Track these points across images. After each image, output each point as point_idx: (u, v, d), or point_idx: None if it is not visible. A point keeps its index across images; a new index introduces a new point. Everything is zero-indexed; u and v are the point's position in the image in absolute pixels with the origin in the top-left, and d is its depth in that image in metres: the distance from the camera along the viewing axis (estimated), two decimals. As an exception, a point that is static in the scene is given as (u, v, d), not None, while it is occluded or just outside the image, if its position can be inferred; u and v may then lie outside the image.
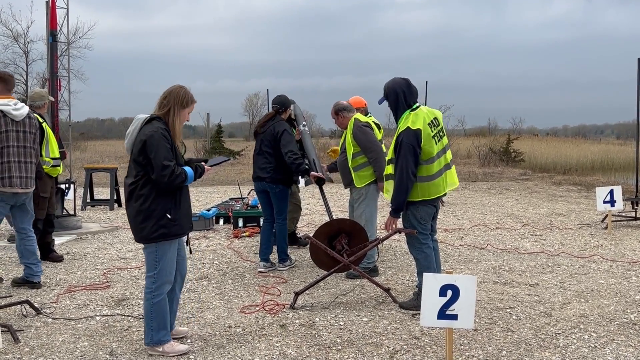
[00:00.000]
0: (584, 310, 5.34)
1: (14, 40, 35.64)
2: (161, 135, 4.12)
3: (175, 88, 4.29)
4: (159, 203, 4.15)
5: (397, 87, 5.33)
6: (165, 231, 4.17)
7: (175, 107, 4.24)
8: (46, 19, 9.73)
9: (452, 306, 4.06)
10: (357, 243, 5.80)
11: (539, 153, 25.01)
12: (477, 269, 6.83)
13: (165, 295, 4.31)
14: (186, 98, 4.28)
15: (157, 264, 4.24)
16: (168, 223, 4.17)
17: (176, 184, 4.13)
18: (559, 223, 10.12)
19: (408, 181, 5.16)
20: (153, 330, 4.29)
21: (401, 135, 5.18)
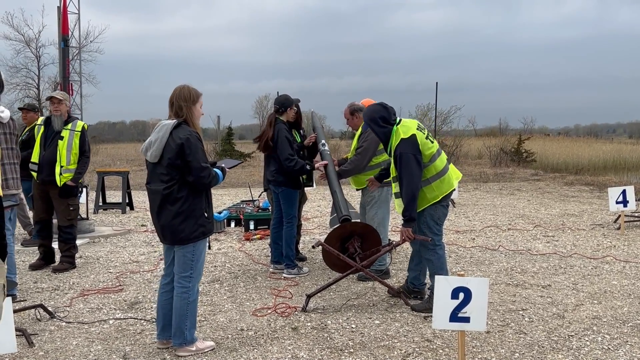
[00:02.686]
0: (597, 311, 5.32)
1: (26, 45, 35.89)
2: (196, 138, 4.24)
3: (178, 90, 4.35)
4: (197, 203, 4.29)
5: (374, 115, 5.43)
6: (204, 229, 4.32)
7: (189, 107, 4.31)
8: (58, 24, 9.81)
9: (464, 308, 4.05)
10: (370, 245, 5.80)
11: (551, 153, 24.90)
12: (489, 271, 6.81)
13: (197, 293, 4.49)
14: (192, 94, 4.35)
15: (193, 263, 4.35)
16: (205, 221, 4.33)
17: (213, 184, 4.31)
18: (571, 224, 10.07)
19: (416, 190, 5.20)
20: (187, 329, 4.39)
21: (398, 148, 5.23)
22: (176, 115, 4.32)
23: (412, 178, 5.17)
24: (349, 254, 5.69)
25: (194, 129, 4.31)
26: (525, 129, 52.96)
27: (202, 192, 4.33)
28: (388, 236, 6.63)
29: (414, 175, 5.18)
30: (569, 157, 23.59)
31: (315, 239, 8.90)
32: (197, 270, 4.40)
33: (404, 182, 5.20)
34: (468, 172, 20.31)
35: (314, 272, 6.87)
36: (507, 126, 54.98)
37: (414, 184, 5.18)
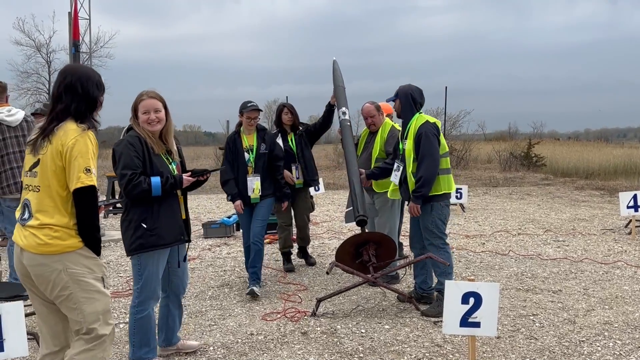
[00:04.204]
0: (608, 317, 5.28)
1: (37, 50, 36.13)
2: (126, 144, 3.99)
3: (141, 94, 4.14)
4: (135, 213, 4.02)
5: (410, 90, 5.54)
6: (142, 242, 3.99)
7: (133, 114, 4.11)
8: (69, 30, 9.88)
9: (475, 314, 4.04)
10: (385, 252, 5.74)
11: (561, 157, 24.76)
12: (499, 276, 6.79)
13: (150, 311, 4.17)
14: (135, 101, 4.10)
15: (139, 277, 4.09)
16: (145, 233, 3.98)
17: (135, 193, 3.92)
18: (582, 228, 10.01)
19: (435, 171, 5.31)
20: (135, 346, 4.17)
21: (422, 128, 5.35)
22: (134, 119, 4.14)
23: (434, 157, 5.30)
24: (363, 261, 5.65)
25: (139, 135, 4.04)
26: (535, 133, 52.70)
27: (140, 202, 3.98)
28: (397, 243, 6.59)
29: (435, 155, 5.30)
30: (579, 161, 23.45)
31: (324, 243, 8.90)
32: (145, 286, 4.08)
33: (426, 160, 5.28)
34: (477, 177, 20.25)
35: (323, 276, 6.87)
36: (516, 130, 54.74)
37: (435, 163, 5.30)
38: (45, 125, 3.14)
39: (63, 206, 3.07)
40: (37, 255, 3.04)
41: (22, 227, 3.11)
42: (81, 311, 3.12)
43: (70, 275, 3.07)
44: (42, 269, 3.05)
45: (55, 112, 3.12)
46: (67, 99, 3.11)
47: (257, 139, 6.13)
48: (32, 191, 3.11)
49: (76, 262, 3.09)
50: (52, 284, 3.07)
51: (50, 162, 3.06)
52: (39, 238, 3.03)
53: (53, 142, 3.07)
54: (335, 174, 22.53)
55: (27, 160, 3.18)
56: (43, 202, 3.06)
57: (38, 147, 3.11)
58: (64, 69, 3.24)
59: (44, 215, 3.05)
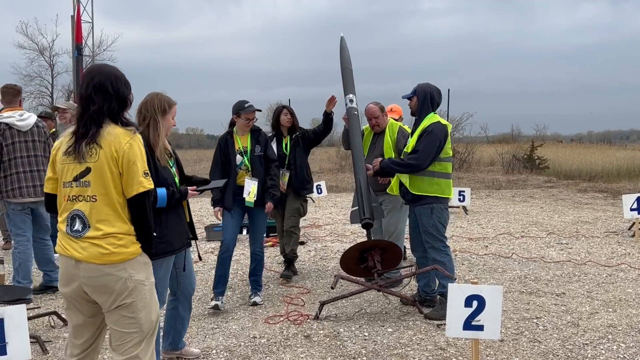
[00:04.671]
0: (612, 320, 5.27)
1: (40, 54, 36.28)
2: None
3: (150, 97, 3.98)
4: None
5: (429, 89, 5.52)
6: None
7: (155, 117, 3.90)
8: (72, 33, 9.90)
9: (478, 317, 4.03)
10: (390, 258, 5.70)
11: (564, 160, 24.71)
12: (502, 279, 6.77)
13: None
14: (164, 103, 3.94)
15: None
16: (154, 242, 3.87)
17: None
18: (585, 231, 9.99)
19: (418, 168, 5.31)
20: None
21: (431, 125, 5.35)
22: (139, 124, 3.93)
23: (426, 155, 5.28)
24: (368, 266, 5.60)
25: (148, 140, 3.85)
26: (537, 136, 52.65)
27: None
28: (403, 245, 6.56)
29: (429, 155, 5.29)
30: (582, 163, 23.39)
31: (327, 246, 8.89)
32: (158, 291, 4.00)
33: (417, 154, 5.29)
34: (480, 179, 20.23)
35: (326, 279, 6.86)
36: (519, 133, 54.70)
37: (423, 161, 5.28)
38: (80, 129, 2.98)
39: (123, 213, 2.98)
40: (102, 266, 2.93)
41: (77, 239, 2.96)
42: (137, 320, 3.03)
43: (135, 283, 3.00)
44: (106, 279, 2.95)
45: (89, 115, 2.97)
46: (99, 99, 2.98)
47: (251, 141, 5.83)
48: (83, 201, 2.95)
49: (138, 269, 3.04)
50: (115, 293, 2.97)
51: (107, 168, 2.93)
52: (103, 248, 2.92)
53: (104, 147, 2.93)
54: (338, 176, 22.53)
55: (68, 169, 2.99)
56: (102, 211, 2.94)
57: (83, 153, 2.94)
58: (90, 69, 3.13)
59: (105, 225, 2.94)
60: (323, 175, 22.57)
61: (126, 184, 2.96)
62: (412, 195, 5.45)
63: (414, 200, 5.49)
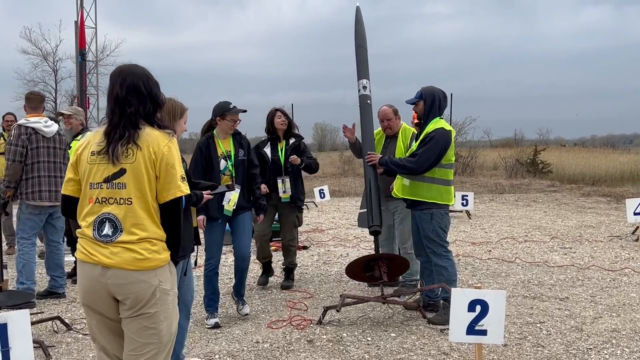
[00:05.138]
0: (615, 324, 5.25)
1: (43, 59, 36.32)
2: None
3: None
4: None
5: (436, 93, 5.47)
6: None
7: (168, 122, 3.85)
8: (75, 38, 9.94)
9: (481, 321, 4.03)
10: (397, 268, 5.70)
11: (567, 164, 24.69)
12: (505, 283, 6.76)
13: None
14: (176, 109, 3.99)
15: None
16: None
17: None
18: (589, 235, 9.97)
19: (415, 171, 5.28)
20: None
21: (435, 131, 5.31)
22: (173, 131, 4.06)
23: (424, 160, 5.24)
24: (374, 275, 5.51)
25: None
26: (540, 140, 52.58)
27: None
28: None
29: (427, 161, 5.25)
30: (585, 168, 23.37)
31: (330, 250, 8.88)
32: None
33: (415, 157, 5.26)
34: (483, 184, 20.21)
35: (329, 283, 6.86)
36: (522, 137, 54.64)
37: (420, 166, 5.25)
38: (118, 132, 2.82)
39: (157, 217, 2.85)
40: (135, 272, 2.78)
41: (106, 244, 2.79)
42: (158, 332, 2.87)
43: (162, 292, 2.86)
44: (138, 287, 2.79)
45: (127, 117, 2.83)
46: (134, 101, 2.86)
47: (234, 145, 5.44)
48: (115, 204, 2.80)
49: (166, 277, 2.90)
50: (144, 301, 2.81)
51: (144, 170, 2.80)
52: (138, 253, 2.78)
53: (142, 148, 2.80)
54: (341, 181, 22.54)
55: (97, 170, 2.84)
56: (138, 215, 2.80)
57: (118, 154, 2.79)
58: (121, 70, 2.97)
59: (140, 229, 2.80)
60: (326, 180, 22.56)
61: (162, 187, 2.83)
62: (410, 200, 5.46)
63: (413, 205, 5.49)
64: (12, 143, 5.96)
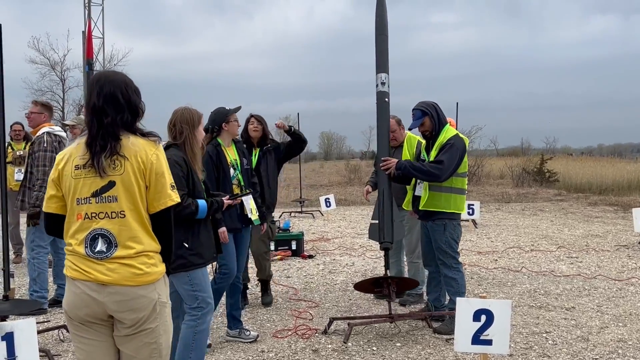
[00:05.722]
0: (622, 334, 5.23)
1: (51, 69, 36.50)
2: (173, 163, 3.81)
3: (180, 112, 4.08)
4: (177, 232, 3.76)
5: (433, 103, 5.48)
6: (184, 261, 3.90)
7: (190, 131, 4.03)
8: (82, 48, 10.01)
9: (487, 331, 4.01)
10: (405, 286, 5.71)
11: (574, 173, 24.62)
12: (511, 293, 6.74)
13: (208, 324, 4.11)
14: (194, 117, 4.06)
15: (196, 293, 3.99)
16: (185, 253, 3.91)
17: (184, 214, 3.83)
18: (595, 245, 9.94)
19: (441, 176, 5.21)
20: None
21: (453, 138, 5.32)
22: (174, 139, 4.04)
23: (448, 167, 5.21)
24: (381, 292, 5.44)
25: (184, 154, 3.97)
26: (547, 149, 52.57)
27: (183, 221, 3.85)
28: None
29: (449, 167, 5.22)
30: (592, 177, 23.29)
31: (336, 259, 8.88)
32: (204, 300, 4.01)
33: (442, 164, 5.19)
34: (490, 193, 20.17)
35: (335, 292, 6.85)
36: (529, 146, 54.59)
37: (444, 172, 5.20)
38: (98, 142, 2.68)
39: (151, 229, 2.74)
40: (134, 288, 2.65)
41: (101, 260, 2.64)
42: (158, 346, 2.77)
43: (161, 305, 2.75)
44: (137, 303, 2.67)
45: (104, 127, 2.68)
46: (111, 110, 2.71)
47: (237, 153, 5.33)
48: (106, 218, 2.66)
49: (163, 290, 2.78)
50: (145, 317, 2.69)
51: (134, 181, 2.67)
52: (136, 268, 2.65)
53: (130, 158, 2.68)
54: (347, 189, 22.54)
55: (84, 184, 2.69)
56: (132, 228, 2.68)
57: (104, 167, 2.65)
58: (98, 77, 2.83)
59: (136, 243, 2.68)
60: (332, 189, 22.58)
61: (153, 197, 2.72)
62: (425, 211, 5.41)
63: (427, 216, 5.45)
64: (47, 149, 6.01)
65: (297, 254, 9.14)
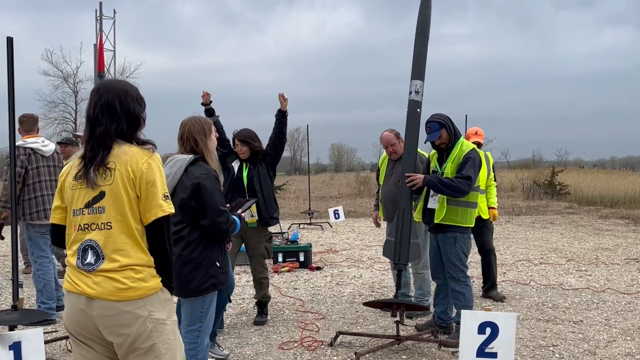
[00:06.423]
0: (629, 348, 5.19)
1: (64, 81, 36.97)
2: (214, 178, 3.80)
3: (189, 123, 3.99)
4: (209, 251, 3.79)
5: (448, 117, 5.47)
6: (215, 281, 3.84)
7: (204, 141, 3.96)
8: (94, 61, 10.13)
9: (492, 344, 4.01)
10: (413, 309, 5.75)
11: (585, 186, 24.50)
12: (519, 306, 6.71)
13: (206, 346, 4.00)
14: (204, 126, 3.99)
15: (202, 316, 3.88)
16: (217, 272, 3.85)
17: (231, 231, 3.81)
18: (605, 258, 9.87)
19: (467, 192, 5.22)
20: None
21: (472, 152, 5.32)
22: (191, 150, 3.94)
23: (473, 183, 5.24)
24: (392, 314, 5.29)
25: (211, 167, 3.91)
26: (559, 161, 52.35)
27: (215, 239, 3.84)
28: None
29: (474, 183, 5.26)
30: (604, 189, 23.16)
31: (344, 271, 8.88)
32: (206, 323, 3.93)
33: (470, 180, 5.20)
34: (500, 205, 20.06)
35: (342, 304, 6.85)
36: (541, 158, 54.39)
37: (469, 188, 5.22)
38: (88, 153, 2.64)
39: (142, 242, 2.63)
40: (118, 303, 2.55)
41: (89, 273, 2.58)
42: None
43: (155, 323, 2.61)
44: (122, 319, 2.57)
45: (95, 137, 2.63)
46: (106, 120, 2.64)
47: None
48: (97, 230, 2.60)
49: (159, 306, 2.65)
50: (133, 335, 2.58)
51: (123, 191, 2.59)
52: (119, 282, 2.55)
53: (119, 168, 2.60)
54: (356, 201, 22.53)
55: (79, 195, 2.64)
56: (118, 240, 2.58)
57: (94, 178, 2.59)
58: (98, 86, 2.76)
59: (121, 255, 2.58)
60: (342, 200, 22.59)
61: (144, 208, 2.62)
62: (438, 224, 5.39)
63: (438, 228, 5.43)
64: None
65: (305, 266, 9.16)
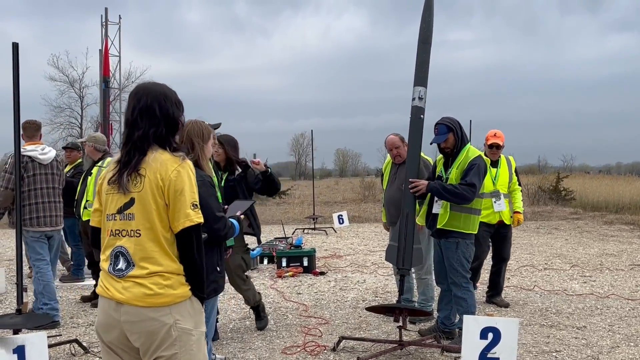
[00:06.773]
0: (633, 354, 5.18)
1: (70, 86, 37.06)
2: (209, 185, 3.75)
3: (190, 125, 3.95)
4: (210, 256, 3.72)
5: (457, 121, 5.47)
6: (215, 286, 3.85)
7: (201, 146, 3.94)
8: (99, 66, 10.19)
9: (494, 349, 4.02)
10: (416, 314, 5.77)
11: (591, 191, 24.41)
12: (523, 311, 6.70)
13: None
14: (204, 130, 3.95)
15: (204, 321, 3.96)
16: (217, 276, 3.85)
17: (229, 236, 3.72)
18: (610, 264, 9.85)
19: (471, 199, 5.23)
20: None
21: (477, 159, 5.34)
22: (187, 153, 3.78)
23: (478, 190, 5.25)
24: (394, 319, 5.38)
25: (205, 172, 3.86)
26: (564, 167, 52.23)
27: (214, 243, 3.77)
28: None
29: (479, 189, 5.27)
30: (609, 195, 23.07)
31: (347, 276, 8.89)
32: (208, 328, 3.92)
33: (474, 188, 5.21)
34: (505, 211, 20.05)
35: (345, 309, 6.86)
36: (546, 164, 54.26)
37: (474, 195, 5.23)
38: (124, 157, 2.64)
39: (170, 250, 2.61)
40: (145, 309, 2.55)
41: (119, 278, 2.59)
42: None
43: (180, 331, 2.59)
44: (149, 325, 2.55)
45: (133, 141, 2.63)
46: (144, 124, 2.63)
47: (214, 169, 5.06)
48: (127, 237, 2.60)
49: (186, 315, 2.62)
50: (158, 342, 2.56)
51: (152, 199, 2.57)
52: (147, 288, 2.54)
53: (149, 175, 2.58)
54: (361, 206, 22.53)
55: (112, 200, 2.65)
56: (147, 248, 2.58)
57: (127, 183, 2.59)
58: (137, 89, 2.75)
59: (150, 263, 2.57)
60: (346, 205, 22.58)
61: (173, 217, 2.58)
62: (440, 229, 5.40)
63: (441, 234, 5.44)
64: (7, 171, 6.06)
65: (309, 271, 9.17)
